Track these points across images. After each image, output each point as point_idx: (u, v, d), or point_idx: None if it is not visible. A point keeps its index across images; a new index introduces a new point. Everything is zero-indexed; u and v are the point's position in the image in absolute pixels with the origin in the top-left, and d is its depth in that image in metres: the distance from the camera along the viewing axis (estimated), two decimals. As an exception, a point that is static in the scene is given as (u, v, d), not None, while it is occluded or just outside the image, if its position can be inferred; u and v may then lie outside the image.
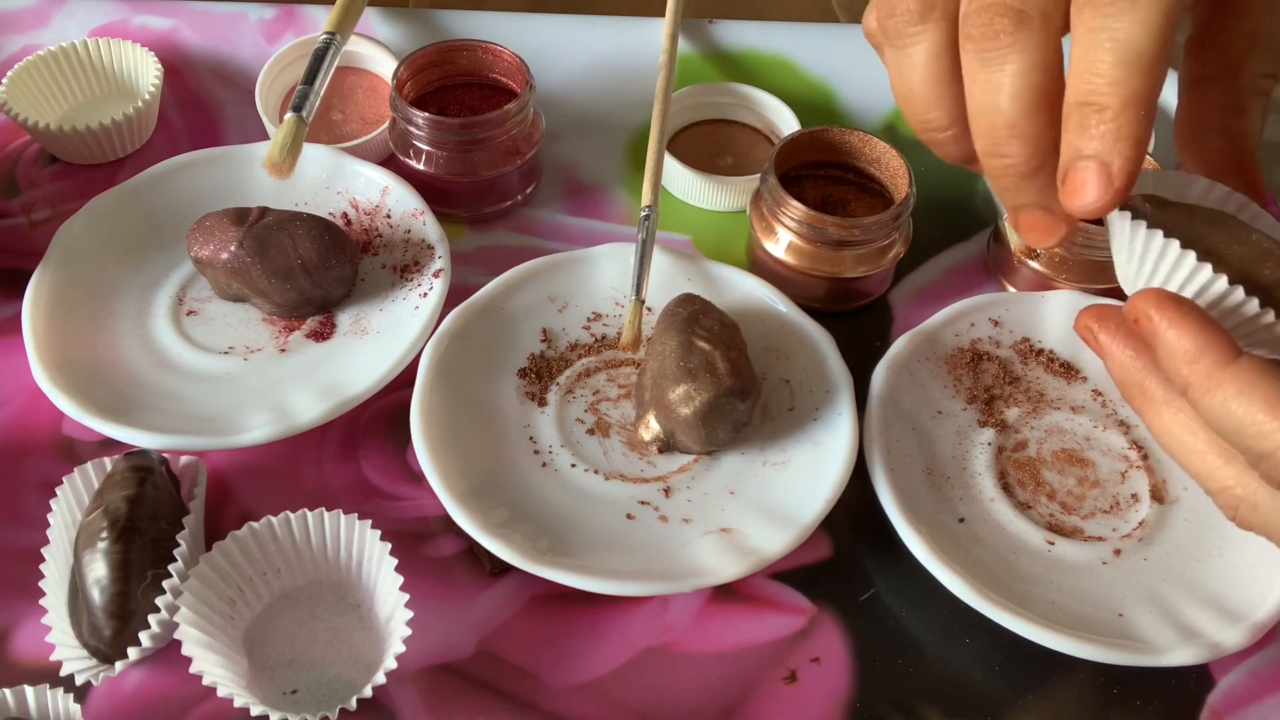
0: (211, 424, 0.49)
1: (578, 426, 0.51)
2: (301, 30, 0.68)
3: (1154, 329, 0.34)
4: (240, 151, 0.58)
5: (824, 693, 0.45)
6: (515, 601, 0.47)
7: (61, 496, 0.46)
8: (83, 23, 0.68)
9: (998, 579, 0.45)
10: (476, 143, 0.57)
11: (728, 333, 0.48)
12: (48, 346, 0.50)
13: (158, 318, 0.54)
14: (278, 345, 0.53)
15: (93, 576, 0.42)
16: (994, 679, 0.46)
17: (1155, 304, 0.34)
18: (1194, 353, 0.33)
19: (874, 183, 0.57)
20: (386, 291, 0.54)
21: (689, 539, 0.46)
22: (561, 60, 0.67)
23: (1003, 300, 0.54)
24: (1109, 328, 0.37)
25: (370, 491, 0.50)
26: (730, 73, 0.68)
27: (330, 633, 0.45)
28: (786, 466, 0.49)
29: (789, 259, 0.55)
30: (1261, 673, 0.46)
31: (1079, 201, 0.33)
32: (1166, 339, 0.34)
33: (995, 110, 0.34)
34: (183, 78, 0.66)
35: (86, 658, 0.43)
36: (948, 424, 0.51)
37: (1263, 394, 0.33)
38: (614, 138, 0.64)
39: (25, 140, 0.63)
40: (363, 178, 0.58)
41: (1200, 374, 0.33)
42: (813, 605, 0.48)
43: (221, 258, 0.51)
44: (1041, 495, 0.49)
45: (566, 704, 0.44)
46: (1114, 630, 0.44)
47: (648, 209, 0.53)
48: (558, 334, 0.54)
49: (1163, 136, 0.60)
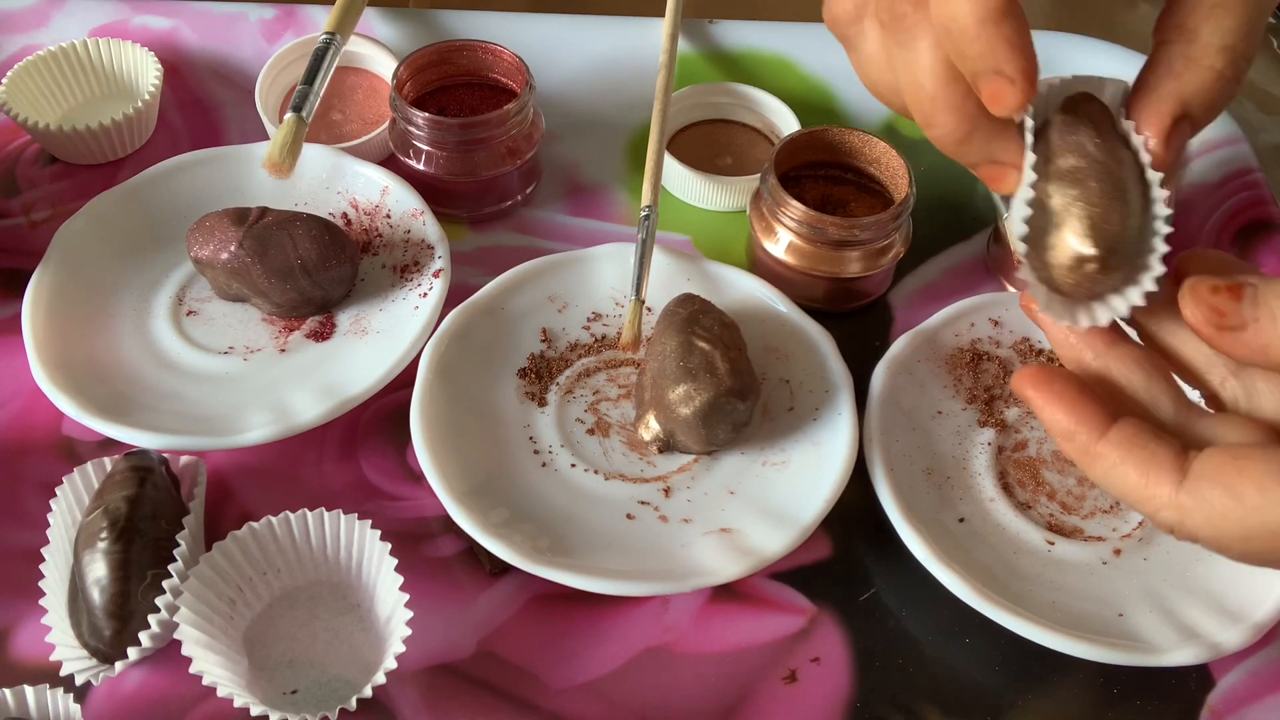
0: (211, 424, 0.49)
1: (578, 426, 0.51)
2: (301, 30, 0.68)
3: (1035, 409, 0.37)
4: (240, 151, 0.58)
5: (824, 693, 0.45)
6: (515, 601, 0.47)
7: (61, 496, 0.46)
8: (83, 23, 0.68)
9: (998, 579, 0.45)
10: (476, 143, 0.57)
11: (728, 333, 0.49)
12: (48, 346, 0.50)
13: (158, 318, 0.54)
14: (278, 345, 0.53)
15: (93, 576, 0.42)
16: (994, 679, 0.46)
17: (1030, 384, 0.37)
18: (1070, 430, 0.36)
19: (874, 183, 0.57)
20: (386, 291, 0.54)
21: (689, 539, 0.46)
22: (561, 60, 0.67)
23: (1003, 300, 0.54)
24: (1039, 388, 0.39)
25: (370, 491, 0.50)
26: (730, 73, 0.68)
27: (330, 633, 0.45)
28: (786, 466, 0.49)
29: (789, 259, 0.55)
30: (1261, 673, 0.46)
31: (999, 107, 0.36)
32: (1044, 418, 0.37)
33: (919, 87, 0.37)
34: (183, 78, 0.66)
35: (86, 658, 0.43)
36: (948, 424, 0.51)
37: (1134, 462, 0.35)
38: (614, 138, 0.64)
39: (25, 140, 0.63)
40: (363, 178, 0.58)
41: (1079, 450, 0.36)
42: (813, 605, 0.48)
43: (221, 258, 0.51)
44: (1041, 495, 0.49)
45: (566, 704, 0.44)
46: (1114, 630, 0.44)
47: (648, 209, 0.53)
48: (558, 334, 0.54)
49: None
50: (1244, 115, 0.70)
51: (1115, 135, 0.38)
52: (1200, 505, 0.34)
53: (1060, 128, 0.38)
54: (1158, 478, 0.35)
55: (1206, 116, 0.38)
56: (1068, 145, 0.38)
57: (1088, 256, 0.37)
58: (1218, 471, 0.34)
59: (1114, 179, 0.37)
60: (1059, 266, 0.37)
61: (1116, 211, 0.37)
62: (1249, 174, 0.62)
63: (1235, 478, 0.34)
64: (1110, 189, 0.37)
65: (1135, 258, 0.38)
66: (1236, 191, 0.61)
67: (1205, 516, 0.34)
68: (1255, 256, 0.59)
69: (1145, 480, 0.35)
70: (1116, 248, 0.37)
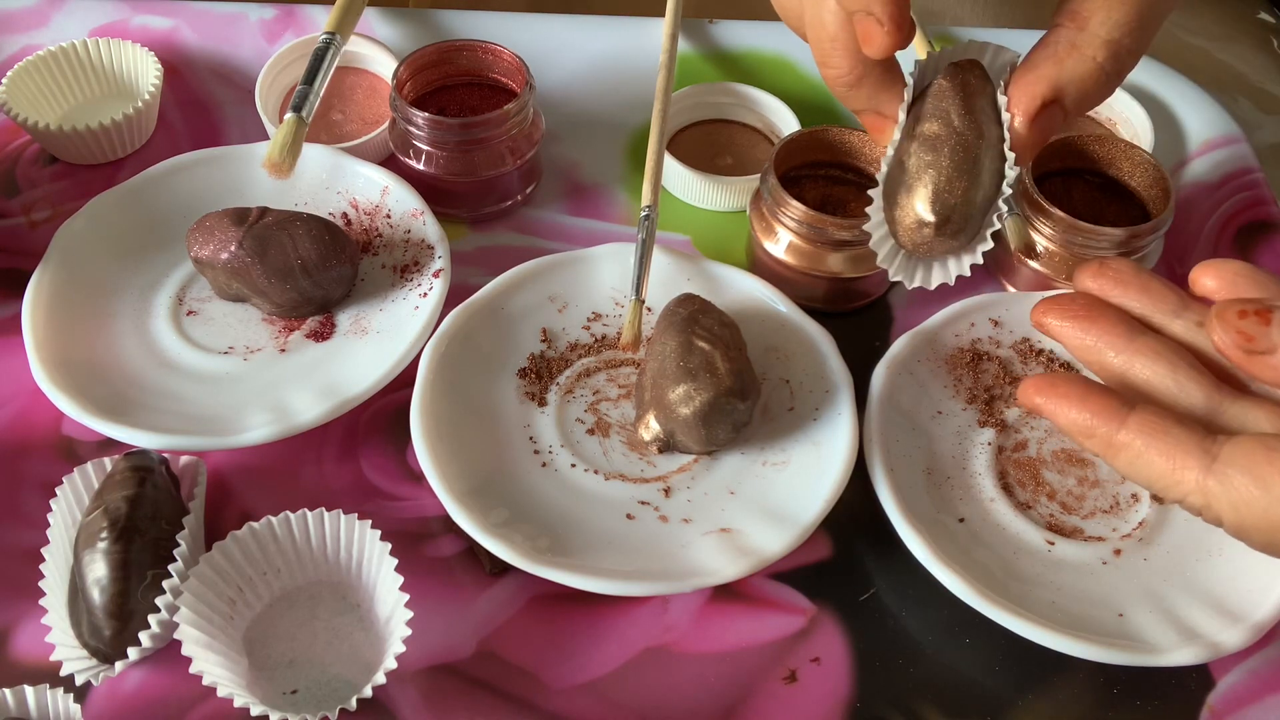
0: (211, 424, 0.49)
1: (578, 426, 0.51)
2: (301, 30, 0.68)
3: (1049, 415, 0.38)
4: (240, 151, 0.58)
5: (824, 693, 0.45)
6: (515, 601, 0.47)
7: (61, 496, 0.46)
8: (83, 23, 0.68)
9: (998, 579, 0.45)
10: (476, 143, 0.57)
11: (728, 333, 0.49)
12: (48, 346, 0.50)
13: (158, 318, 0.54)
14: (278, 345, 0.53)
15: (93, 576, 0.42)
16: (994, 679, 0.46)
17: (1037, 391, 0.38)
18: (1088, 426, 0.37)
19: (874, 183, 0.57)
20: (386, 291, 0.54)
21: (689, 539, 0.46)
22: (561, 60, 0.67)
23: (1003, 300, 0.54)
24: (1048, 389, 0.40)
25: (370, 491, 0.50)
26: (730, 73, 0.68)
27: (330, 633, 0.45)
28: (786, 466, 0.49)
29: (789, 259, 0.55)
30: (1261, 673, 0.46)
31: (870, 48, 0.38)
32: (1059, 421, 0.38)
33: (821, 25, 0.39)
34: (183, 78, 0.66)
35: (86, 658, 0.43)
36: (948, 424, 0.51)
37: (1158, 448, 0.35)
38: (614, 138, 0.64)
39: (25, 140, 0.63)
40: (363, 178, 0.58)
41: (1100, 445, 0.37)
42: (813, 605, 0.48)
43: (221, 258, 0.51)
44: (1041, 495, 0.49)
45: (566, 704, 0.44)
46: (1114, 630, 0.44)
47: (648, 209, 0.53)
48: (558, 334, 0.54)
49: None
50: (1243, 115, 0.70)
51: (988, 107, 0.40)
52: (1227, 491, 0.34)
53: (935, 93, 0.40)
54: (1184, 461, 0.35)
55: (1080, 106, 0.39)
56: (936, 111, 0.40)
57: (925, 221, 0.40)
58: (1248, 459, 0.34)
59: (968, 151, 0.39)
60: (902, 225, 0.41)
61: (961, 183, 0.39)
62: (1249, 174, 0.62)
63: (1266, 467, 0.33)
64: (961, 161, 0.39)
65: (977, 229, 0.41)
66: (1236, 191, 0.61)
67: (1231, 503, 0.34)
68: (1255, 256, 0.59)
69: (1171, 465, 0.35)
70: (953, 217, 0.40)
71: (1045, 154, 0.56)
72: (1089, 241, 0.53)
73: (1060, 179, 0.58)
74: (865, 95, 0.40)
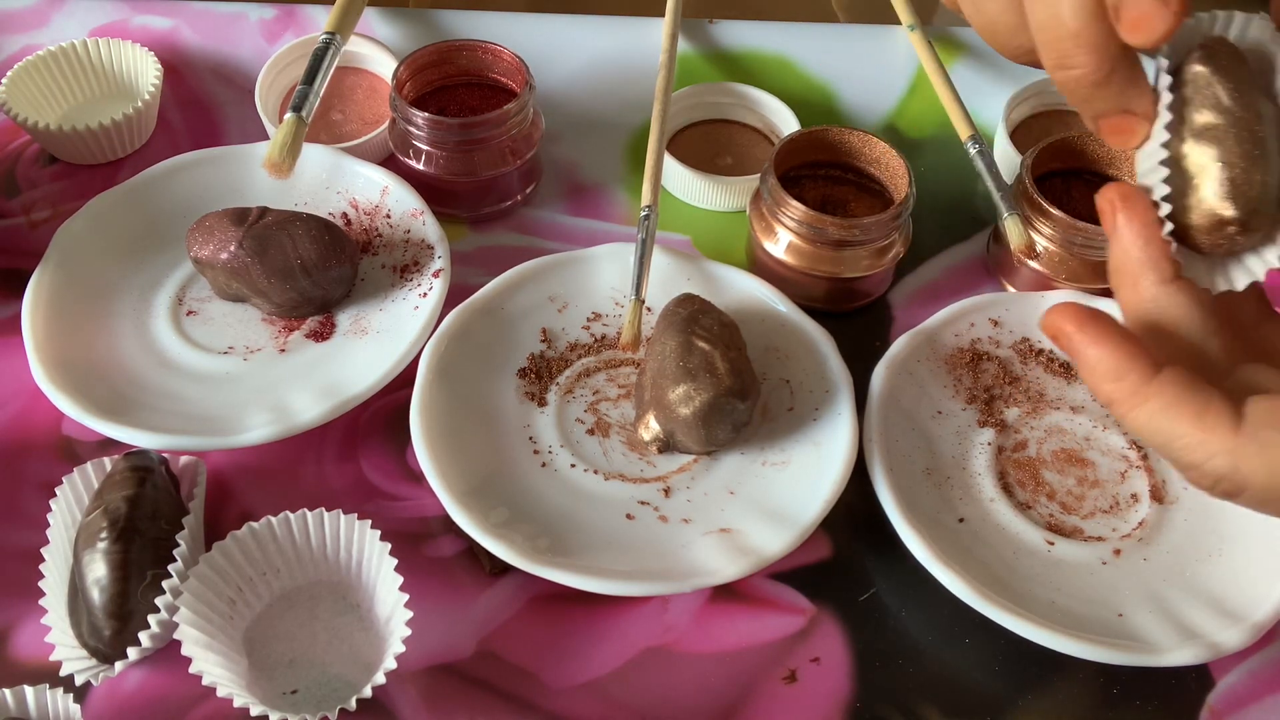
0: (211, 424, 0.49)
1: (577, 426, 0.51)
2: (301, 30, 0.68)
3: (1074, 347, 0.35)
4: (240, 151, 0.58)
5: (824, 693, 0.45)
6: (515, 601, 0.47)
7: (61, 496, 0.46)
8: (83, 23, 0.68)
9: (998, 579, 0.45)
10: (476, 143, 0.57)
11: (728, 333, 0.49)
12: (47, 346, 0.50)
13: (158, 318, 0.54)
14: (278, 345, 0.53)
15: (93, 576, 0.42)
16: (994, 679, 0.46)
17: (1074, 322, 0.35)
18: (1117, 370, 0.34)
19: (874, 183, 0.57)
20: (386, 291, 0.54)
21: (689, 539, 0.46)
22: (561, 60, 0.67)
23: (1003, 300, 0.54)
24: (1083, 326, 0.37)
25: (370, 491, 0.50)
26: (730, 73, 0.68)
27: (330, 633, 0.45)
28: (786, 466, 0.49)
29: (789, 259, 0.55)
30: (1261, 673, 0.46)
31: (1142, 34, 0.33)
32: (1088, 357, 0.34)
33: (1058, 23, 0.34)
34: (183, 78, 0.66)
35: (86, 658, 0.43)
36: (948, 424, 0.51)
37: (1188, 408, 0.33)
38: (614, 138, 0.64)
39: (25, 140, 0.63)
40: (362, 178, 0.58)
41: (1126, 391, 0.34)
42: (813, 605, 0.48)
43: (221, 258, 0.51)
44: (1041, 495, 0.49)
45: (566, 704, 0.44)
46: (1114, 630, 0.44)
47: (647, 209, 0.53)
48: (557, 334, 0.54)
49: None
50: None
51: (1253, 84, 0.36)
52: (1262, 451, 0.32)
53: (1193, 81, 0.36)
54: (1215, 422, 0.33)
55: None
56: (1204, 99, 0.36)
57: (1229, 219, 0.35)
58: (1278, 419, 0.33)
59: (1254, 136, 0.35)
60: (1197, 228, 0.36)
61: (1258, 171, 0.35)
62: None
63: None
64: (1250, 149, 0.35)
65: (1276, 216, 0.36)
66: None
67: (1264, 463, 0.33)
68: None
69: (1200, 424, 0.33)
70: (1259, 208, 0.35)
71: (1045, 154, 0.56)
72: (1089, 241, 0.53)
73: (1060, 179, 0.58)
74: (1114, 93, 0.35)
